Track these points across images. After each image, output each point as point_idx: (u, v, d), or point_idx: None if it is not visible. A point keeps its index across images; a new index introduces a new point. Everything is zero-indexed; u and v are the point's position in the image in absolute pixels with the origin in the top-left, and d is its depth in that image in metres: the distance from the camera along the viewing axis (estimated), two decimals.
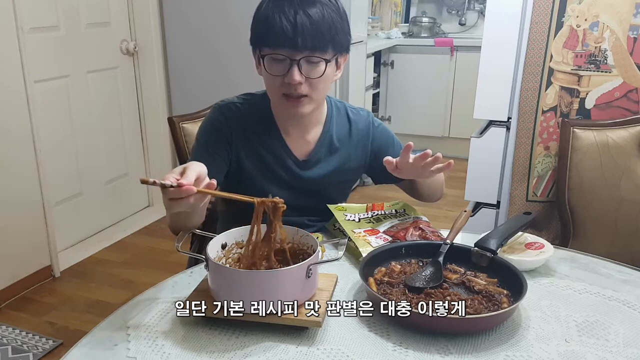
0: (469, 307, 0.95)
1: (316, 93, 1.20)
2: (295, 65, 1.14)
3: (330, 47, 1.16)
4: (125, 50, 3.13)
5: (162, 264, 2.79)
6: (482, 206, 2.06)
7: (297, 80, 1.15)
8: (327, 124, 1.34)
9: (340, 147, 1.34)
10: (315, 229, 1.38)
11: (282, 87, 1.18)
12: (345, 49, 1.23)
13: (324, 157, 1.33)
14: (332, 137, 1.34)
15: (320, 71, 1.17)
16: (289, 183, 1.31)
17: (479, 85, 1.93)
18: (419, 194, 1.40)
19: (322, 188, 1.35)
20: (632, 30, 1.73)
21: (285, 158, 1.30)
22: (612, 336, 0.94)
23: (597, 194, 1.74)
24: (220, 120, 1.27)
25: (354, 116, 1.37)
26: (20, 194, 2.46)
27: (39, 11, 2.59)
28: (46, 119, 2.65)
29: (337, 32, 1.16)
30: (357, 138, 1.36)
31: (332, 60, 1.19)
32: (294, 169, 1.31)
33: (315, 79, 1.17)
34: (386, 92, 4.56)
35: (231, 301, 0.92)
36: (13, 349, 2.10)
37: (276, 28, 1.12)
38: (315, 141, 1.32)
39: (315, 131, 1.33)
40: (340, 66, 1.25)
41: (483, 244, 1.07)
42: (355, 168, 1.39)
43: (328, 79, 1.20)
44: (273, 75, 1.18)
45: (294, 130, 1.31)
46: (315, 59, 1.15)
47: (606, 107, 1.81)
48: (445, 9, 4.85)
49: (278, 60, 1.15)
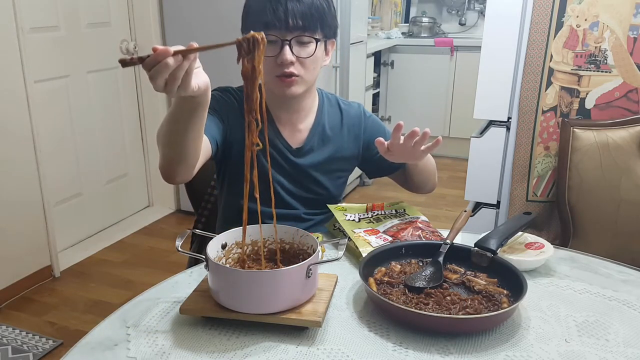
0: (469, 307, 0.95)
1: (307, 73, 1.25)
2: (287, 45, 1.19)
3: (319, 28, 1.22)
4: (125, 50, 3.13)
5: (162, 264, 2.79)
6: (482, 206, 2.06)
7: (288, 60, 1.19)
8: (318, 114, 1.38)
9: (332, 136, 1.38)
10: (312, 223, 1.39)
11: (275, 68, 1.22)
12: (333, 34, 1.29)
13: (317, 146, 1.37)
14: (324, 127, 1.37)
15: (310, 51, 1.22)
16: (282, 167, 1.34)
17: (479, 85, 1.93)
18: (412, 182, 1.42)
19: (316, 176, 1.37)
20: (632, 30, 1.73)
21: (277, 142, 1.33)
22: (612, 336, 0.94)
23: (597, 194, 1.74)
24: (220, 96, 1.33)
25: (346, 107, 1.42)
26: (20, 194, 2.46)
27: (39, 11, 2.59)
28: (46, 119, 2.65)
29: (325, 15, 1.23)
30: (349, 127, 1.40)
31: (322, 41, 1.25)
32: (286, 154, 1.34)
33: (306, 58, 1.22)
34: (386, 92, 4.57)
35: (231, 301, 0.92)
36: (13, 349, 2.10)
37: (267, 10, 1.18)
38: (307, 130, 1.36)
39: (308, 121, 1.36)
40: (329, 52, 1.31)
41: (483, 244, 1.07)
42: (348, 158, 1.41)
43: (318, 61, 1.26)
44: (266, 57, 1.19)
45: (287, 118, 1.34)
46: (306, 38, 1.21)
47: (606, 107, 1.81)
48: (445, 9, 4.86)
49: (270, 42, 1.19)
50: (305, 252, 1.03)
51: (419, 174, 1.38)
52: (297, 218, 1.38)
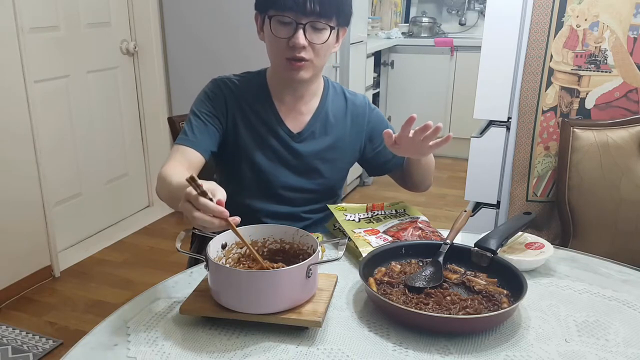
0: (469, 307, 0.95)
1: (318, 59, 1.23)
2: (301, 28, 1.18)
3: (335, 16, 1.20)
4: (125, 50, 3.13)
5: (162, 264, 2.79)
6: (482, 206, 2.06)
7: (301, 44, 1.18)
8: (323, 99, 1.36)
9: (335, 123, 1.36)
10: (310, 222, 1.38)
11: (286, 50, 1.20)
12: (347, 22, 1.28)
13: (319, 133, 1.35)
14: (327, 112, 1.36)
15: (324, 38, 1.20)
16: (282, 155, 1.33)
17: (479, 85, 1.93)
18: (411, 179, 1.41)
19: (316, 165, 1.35)
20: (632, 30, 1.73)
21: (277, 129, 1.32)
22: (612, 336, 0.94)
23: (597, 194, 1.74)
24: (216, 92, 1.31)
25: (351, 96, 1.41)
26: (20, 194, 2.46)
27: (39, 11, 2.59)
28: (46, 119, 2.65)
29: (343, 3, 1.22)
30: (353, 116, 1.39)
31: (335, 29, 1.23)
32: (287, 141, 1.32)
33: (318, 44, 1.20)
34: (386, 92, 4.56)
35: (231, 301, 0.92)
36: (13, 349, 2.10)
37: None
38: (310, 114, 1.34)
39: (312, 104, 1.35)
40: (340, 39, 1.29)
41: (483, 244, 1.07)
42: (350, 148, 1.40)
43: (329, 47, 1.24)
44: (278, 38, 1.20)
45: (290, 99, 1.32)
46: (321, 24, 1.19)
47: (606, 107, 1.81)
48: (445, 9, 4.86)
49: (284, 23, 1.18)
50: (305, 252, 1.03)
51: (420, 170, 1.37)
52: (295, 217, 1.37)
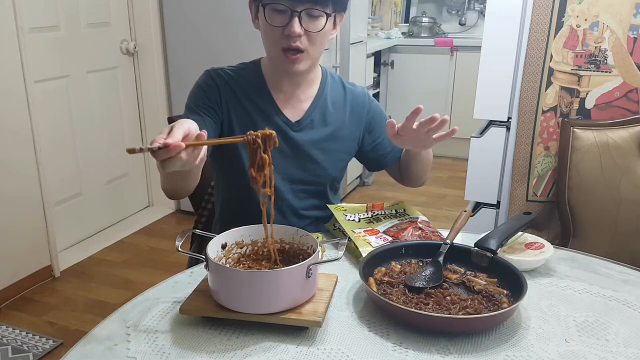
0: (469, 307, 0.95)
1: (314, 49, 1.21)
2: (296, 16, 1.15)
3: (331, 2, 1.18)
4: (125, 50, 3.13)
5: (162, 264, 2.79)
6: (482, 206, 2.06)
7: (297, 32, 1.15)
8: (321, 86, 1.34)
9: (334, 112, 1.35)
10: (309, 221, 1.38)
11: (282, 39, 1.18)
12: (344, 8, 1.25)
13: (318, 122, 1.33)
14: (326, 101, 1.34)
15: (320, 25, 1.18)
16: (280, 145, 1.31)
17: (479, 85, 1.93)
18: (408, 173, 1.40)
19: (314, 155, 1.33)
20: (632, 30, 1.73)
21: (275, 118, 1.29)
22: (612, 336, 0.94)
23: (597, 194, 1.74)
24: (209, 84, 1.29)
25: (350, 86, 1.40)
26: (20, 193, 2.46)
27: (39, 11, 2.59)
28: (46, 119, 2.65)
29: None
30: (353, 105, 1.38)
31: (332, 16, 1.21)
32: (285, 130, 1.30)
33: (314, 32, 1.18)
34: (386, 92, 4.57)
35: (231, 301, 0.92)
36: (13, 349, 2.10)
37: None
38: (309, 102, 1.33)
39: (310, 91, 1.33)
40: (337, 26, 1.26)
41: (483, 244, 1.07)
42: (349, 138, 1.38)
43: (326, 35, 1.22)
44: (273, 26, 1.18)
45: (287, 87, 1.30)
46: (316, 12, 1.17)
47: (606, 107, 1.81)
48: (445, 9, 4.86)
49: (279, 11, 1.16)
50: (305, 252, 1.03)
51: (418, 164, 1.36)
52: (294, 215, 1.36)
